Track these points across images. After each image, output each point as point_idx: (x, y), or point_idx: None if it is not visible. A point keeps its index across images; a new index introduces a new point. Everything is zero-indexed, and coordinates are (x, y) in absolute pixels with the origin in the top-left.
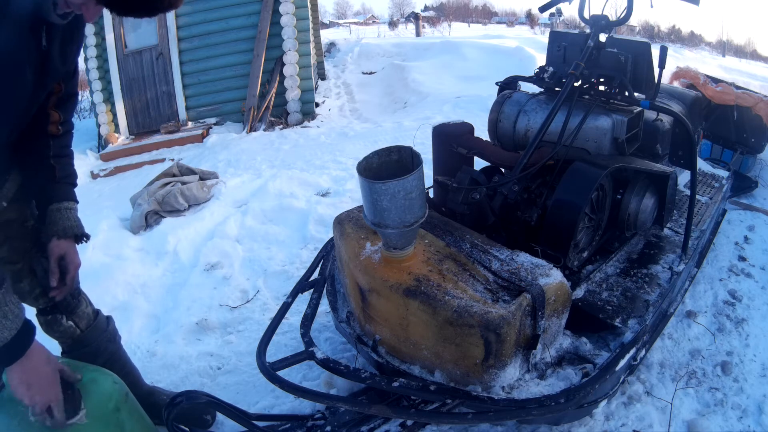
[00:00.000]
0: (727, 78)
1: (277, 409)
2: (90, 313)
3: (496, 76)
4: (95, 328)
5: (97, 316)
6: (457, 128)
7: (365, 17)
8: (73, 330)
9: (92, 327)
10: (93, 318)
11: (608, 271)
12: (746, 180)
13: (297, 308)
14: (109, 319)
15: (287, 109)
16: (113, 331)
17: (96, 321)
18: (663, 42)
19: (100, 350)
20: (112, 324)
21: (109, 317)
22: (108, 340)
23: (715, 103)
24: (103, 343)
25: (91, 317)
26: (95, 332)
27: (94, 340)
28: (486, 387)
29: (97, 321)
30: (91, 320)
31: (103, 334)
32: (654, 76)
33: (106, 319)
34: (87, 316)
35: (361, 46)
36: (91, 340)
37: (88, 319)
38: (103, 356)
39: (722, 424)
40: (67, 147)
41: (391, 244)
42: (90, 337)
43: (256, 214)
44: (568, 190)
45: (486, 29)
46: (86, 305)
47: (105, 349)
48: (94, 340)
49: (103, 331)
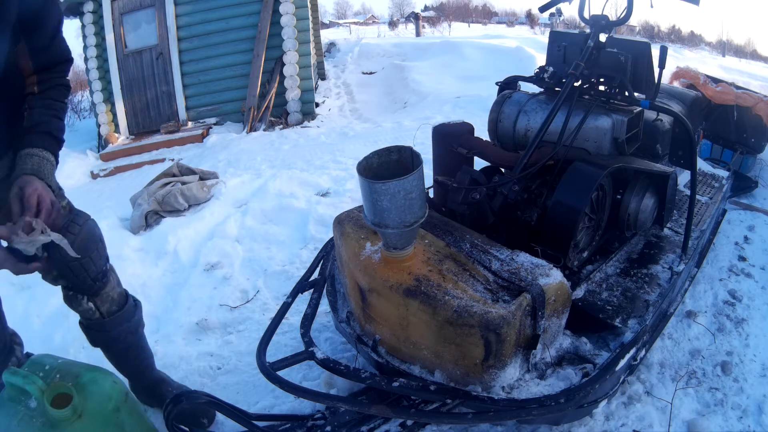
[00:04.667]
0: (727, 78)
1: (277, 409)
2: (115, 297)
3: (496, 76)
4: (119, 317)
5: (125, 305)
6: (457, 128)
7: (365, 17)
8: (92, 312)
9: (116, 315)
10: (119, 304)
11: (608, 271)
12: (746, 180)
13: (297, 308)
14: (137, 307)
15: (287, 109)
16: (137, 321)
17: (122, 311)
18: (663, 42)
19: (118, 339)
20: (138, 314)
21: (137, 303)
22: (129, 331)
23: (715, 103)
24: (123, 333)
25: (116, 302)
26: (118, 321)
27: (114, 329)
28: (486, 387)
29: (124, 311)
30: (114, 306)
31: (127, 324)
32: (654, 76)
33: (135, 305)
34: (111, 300)
35: (361, 46)
36: (111, 327)
37: (111, 303)
38: (120, 345)
39: (722, 424)
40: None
41: (391, 244)
42: (111, 324)
43: (256, 214)
44: (568, 190)
45: (486, 29)
46: (113, 288)
47: (123, 339)
48: (114, 328)
49: (128, 321)
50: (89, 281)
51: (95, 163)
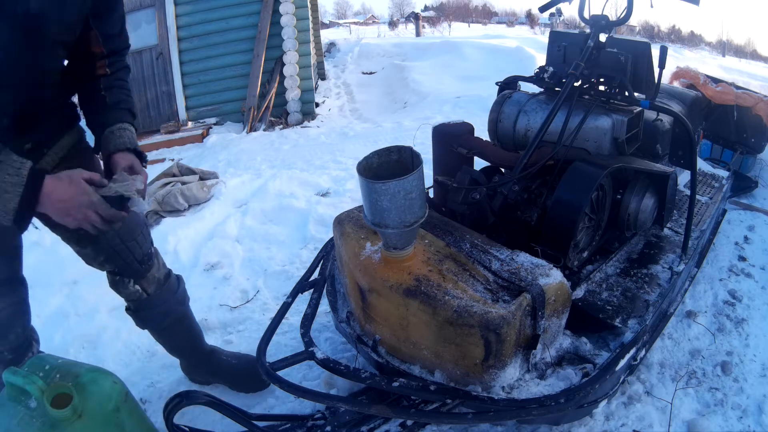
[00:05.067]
0: (727, 78)
1: (277, 409)
2: (161, 277)
3: (496, 76)
4: (166, 290)
5: (168, 279)
6: (457, 128)
7: (365, 17)
8: (140, 294)
9: (162, 290)
10: (164, 281)
11: (608, 271)
12: (746, 180)
13: (297, 308)
14: (179, 280)
15: (287, 109)
16: (183, 292)
17: (167, 283)
18: (663, 42)
19: (169, 311)
20: (182, 285)
21: (179, 277)
22: (177, 302)
23: (715, 103)
24: (173, 305)
25: (162, 281)
26: (165, 294)
27: (163, 302)
28: (486, 387)
29: (168, 283)
30: (161, 283)
31: (173, 296)
32: (654, 76)
33: (177, 279)
34: (157, 280)
35: (361, 46)
36: (159, 302)
37: (157, 284)
38: (171, 317)
39: (722, 424)
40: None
41: (391, 244)
42: (158, 299)
43: (256, 214)
44: (568, 190)
45: (486, 29)
46: (158, 269)
47: (174, 310)
48: (163, 302)
49: (173, 293)
50: (135, 264)
51: None
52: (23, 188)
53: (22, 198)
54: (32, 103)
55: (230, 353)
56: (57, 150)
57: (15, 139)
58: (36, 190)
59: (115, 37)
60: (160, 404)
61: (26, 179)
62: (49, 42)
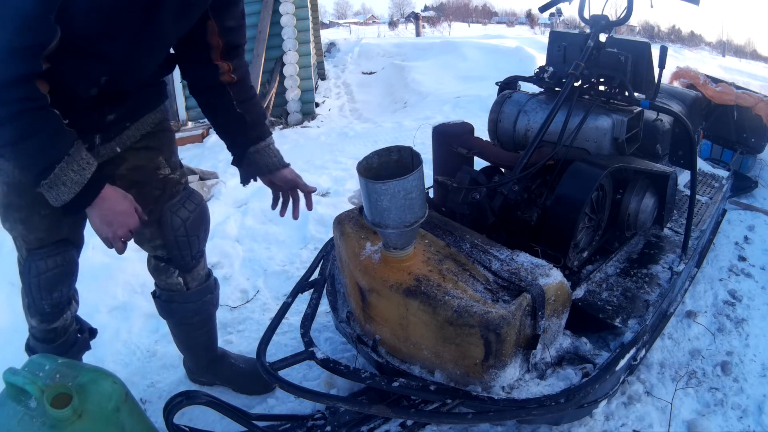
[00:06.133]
0: (727, 78)
1: (277, 409)
2: (204, 275)
3: (496, 76)
4: (204, 289)
5: (208, 278)
6: (457, 128)
7: (365, 17)
8: (180, 287)
9: (201, 287)
10: (204, 279)
11: (608, 271)
12: (746, 180)
13: (297, 308)
14: (216, 283)
15: (287, 109)
16: (217, 296)
17: (207, 282)
18: (663, 42)
19: (199, 310)
20: (218, 289)
21: (216, 280)
22: (211, 303)
23: (715, 103)
24: (207, 304)
25: (203, 279)
26: (203, 292)
27: (198, 299)
28: (486, 387)
29: (208, 282)
30: (202, 281)
31: (209, 296)
32: (654, 76)
33: (215, 282)
34: (200, 278)
35: (361, 46)
36: (195, 298)
37: (199, 281)
38: (202, 315)
39: (722, 424)
40: (248, 89)
41: (391, 244)
42: (195, 296)
43: (256, 214)
44: (568, 190)
45: (486, 29)
46: (203, 267)
47: (205, 310)
48: (198, 298)
49: (210, 293)
50: (188, 258)
51: None
52: (82, 188)
53: (77, 195)
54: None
55: (238, 356)
56: (140, 126)
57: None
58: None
59: (234, 30)
60: (160, 404)
61: (87, 181)
62: (163, 29)
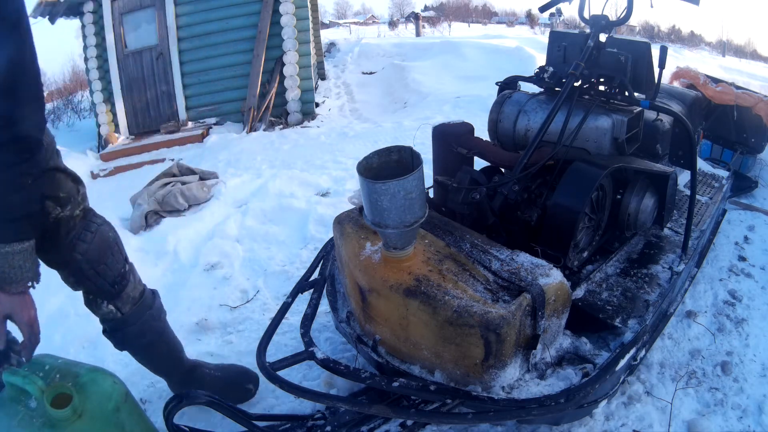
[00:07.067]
0: (727, 78)
1: (277, 409)
2: (136, 295)
3: (496, 76)
4: (139, 308)
5: (142, 295)
6: (457, 128)
7: (365, 17)
8: (114, 314)
9: (136, 307)
10: (138, 297)
11: (608, 271)
12: (746, 180)
13: (297, 308)
14: (155, 295)
15: (287, 109)
16: (159, 307)
17: (141, 299)
18: (663, 42)
19: (144, 330)
20: (158, 300)
21: (154, 292)
22: (153, 318)
23: (715, 103)
24: (148, 321)
25: (136, 298)
26: (139, 311)
27: (137, 320)
28: (486, 387)
29: (143, 299)
30: (135, 301)
31: (148, 312)
32: (654, 76)
33: (152, 294)
34: (132, 299)
35: (361, 46)
36: (134, 319)
37: (132, 302)
38: (149, 336)
39: (722, 424)
40: None
41: (391, 244)
42: (133, 317)
43: (256, 214)
44: (568, 190)
45: (486, 29)
46: (133, 288)
47: (150, 327)
48: (137, 319)
49: (148, 309)
50: (107, 287)
51: (95, 163)
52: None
53: None
54: None
55: (214, 366)
56: None
57: None
58: None
59: None
60: (160, 404)
61: None
62: None
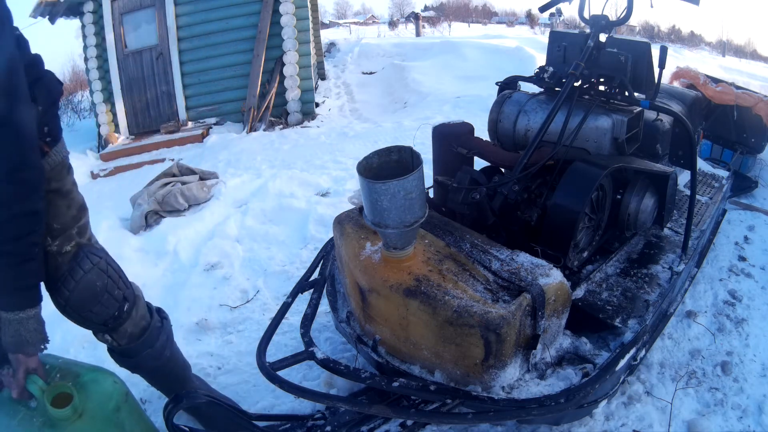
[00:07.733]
0: (727, 78)
1: (277, 409)
2: (136, 332)
3: (496, 76)
4: (140, 344)
5: (144, 332)
6: (457, 128)
7: (365, 17)
8: (110, 342)
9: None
10: (138, 335)
11: (608, 271)
12: (746, 180)
13: (297, 308)
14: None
15: (287, 109)
16: (162, 344)
17: (142, 337)
18: (663, 42)
19: (140, 365)
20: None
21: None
22: (152, 357)
23: (715, 103)
24: (145, 359)
25: (136, 335)
26: (138, 348)
27: (136, 354)
28: (486, 387)
29: (144, 338)
30: (135, 337)
31: (148, 351)
32: (654, 76)
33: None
34: (129, 335)
35: (361, 46)
36: (133, 353)
37: (130, 338)
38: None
39: (722, 424)
40: None
41: (391, 244)
42: (132, 351)
43: (256, 214)
44: (568, 190)
45: (486, 29)
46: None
47: (145, 365)
48: (136, 354)
49: (148, 348)
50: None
51: (95, 163)
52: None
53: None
54: None
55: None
56: None
57: None
58: None
59: None
60: (160, 404)
61: None
62: None
